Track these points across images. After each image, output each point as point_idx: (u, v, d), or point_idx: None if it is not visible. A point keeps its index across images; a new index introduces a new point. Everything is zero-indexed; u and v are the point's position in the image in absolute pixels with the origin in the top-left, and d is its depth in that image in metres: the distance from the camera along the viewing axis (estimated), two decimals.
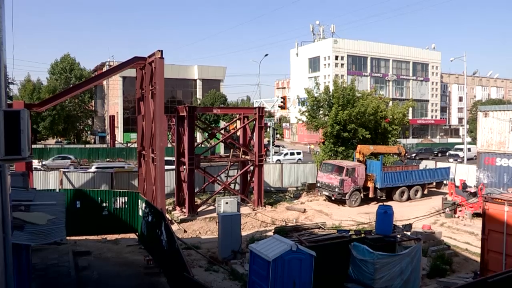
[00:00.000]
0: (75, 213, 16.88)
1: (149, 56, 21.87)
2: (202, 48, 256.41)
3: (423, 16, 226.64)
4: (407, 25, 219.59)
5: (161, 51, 20.64)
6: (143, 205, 16.85)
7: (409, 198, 29.58)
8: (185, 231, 21.59)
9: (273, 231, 20.11)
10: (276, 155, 50.45)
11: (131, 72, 28.51)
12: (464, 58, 49.37)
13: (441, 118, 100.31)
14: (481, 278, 9.64)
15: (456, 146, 60.80)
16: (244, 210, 24.28)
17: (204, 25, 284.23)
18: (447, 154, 57.98)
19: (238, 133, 29.64)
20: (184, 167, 24.80)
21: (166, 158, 22.24)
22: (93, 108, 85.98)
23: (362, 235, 14.01)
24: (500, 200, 12.14)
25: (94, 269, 14.18)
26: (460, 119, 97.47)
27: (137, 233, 17.97)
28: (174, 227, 21.40)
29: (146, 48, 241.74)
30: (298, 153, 51.90)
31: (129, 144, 61.55)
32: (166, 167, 22.44)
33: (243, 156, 26.98)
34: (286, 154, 51.44)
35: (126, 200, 17.87)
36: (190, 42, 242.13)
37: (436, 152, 62.93)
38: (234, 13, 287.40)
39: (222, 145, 49.62)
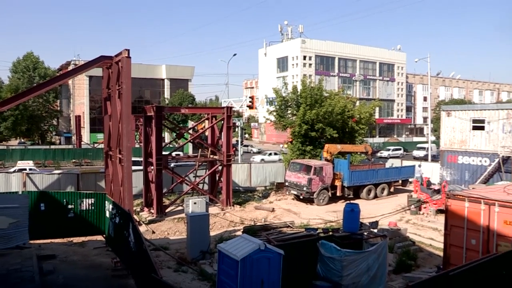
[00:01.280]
0: (39, 216, 16.48)
1: (116, 55, 21.58)
2: (170, 48, 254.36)
3: (389, 18, 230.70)
4: (373, 26, 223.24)
5: (128, 50, 20.40)
6: (110, 206, 16.63)
7: (376, 196, 30.10)
8: (153, 232, 21.40)
9: (241, 230, 20.13)
10: (261, 154, 54.21)
11: (97, 72, 28.01)
12: (428, 59, 50.60)
13: (406, 117, 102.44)
14: (443, 271, 9.93)
15: (419, 145, 62.21)
16: (213, 210, 24.24)
17: (172, 24, 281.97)
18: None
19: (207, 133, 29.56)
20: (152, 167, 24.58)
21: (133, 159, 22.00)
22: (58, 108, 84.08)
23: (330, 233, 14.16)
24: (461, 197, 12.50)
25: (60, 273, 13.88)
26: (425, 119, 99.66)
27: (104, 235, 17.72)
28: (142, 228, 21.18)
29: (113, 47, 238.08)
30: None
31: (95, 145, 60.50)
32: (134, 167, 22.20)
33: (211, 156, 26.93)
34: (270, 154, 54.63)
35: (92, 202, 17.57)
36: (157, 41, 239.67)
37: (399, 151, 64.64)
38: (201, 12, 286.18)
39: (190, 145, 49.39)
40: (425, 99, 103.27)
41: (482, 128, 29.54)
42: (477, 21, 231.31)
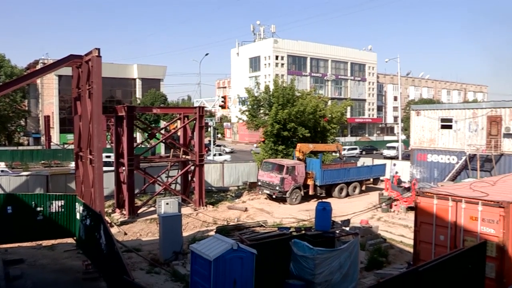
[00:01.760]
0: (6, 219, 16.07)
1: (86, 55, 21.25)
2: (142, 47, 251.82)
3: (360, 18, 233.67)
4: (345, 26, 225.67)
5: (99, 49, 20.12)
6: (81, 208, 16.37)
7: (348, 195, 30.44)
8: (125, 234, 21.17)
9: (214, 230, 20.10)
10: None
11: (67, 71, 27.55)
12: (398, 60, 51.46)
13: (377, 116, 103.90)
14: (413, 267, 10.13)
15: (389, 145, 63.19)
16: (186, 210, 24.12)
17: (143, 23, 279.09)
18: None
19: (179, 133, 29.39)
20: (124, 168, 24.31)
21: (104, 159, 21.72)
22: (26, 108, 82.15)
23: (302, 231, 14.28)
24: (430, 194, 12.74)
25: (28, 277, 13.56)
26: (395, 118, 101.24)
27: (75, 238, 17.42)
28: (114, 229, 20.93)
29: (83, 46, 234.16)
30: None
31: (65, 146, 59.42)
32: (105, 168, 21.91)
33: (183, 156, 26.79)
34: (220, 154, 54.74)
35: (62, 204, 17.24)
36: (129, 40, 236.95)
37: (361, 151, 65.57)
38: (173, 11, 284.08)
39: (162, 145, 48.98)
40: (395, 98, 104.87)
41: (450, 127, 30.23)
42: (444, 23, 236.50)
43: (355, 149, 65.03)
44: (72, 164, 32.71)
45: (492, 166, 27.13)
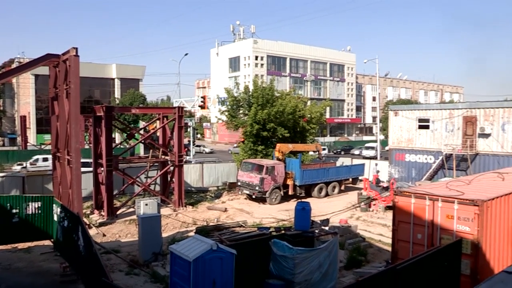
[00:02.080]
0: None
1: (63, 54, 20.97)
2: (121, 47, 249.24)
3: (339, 19, 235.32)
4: (324, 27, 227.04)
5: (76, 49, 19.86)
6: (59, 209, 16.16)
7: (327, 194, 30.63)
8: (104, 235, 20.94)
9: (194, 231, 20.03)
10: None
11: (44, 70, 27.11)
12: (376, 61, 52.03)
13: (356, 117, 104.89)
14: (391, 265, 10.26)
15: (367, 145, 63.84)
16: (165, 211, 23.99)
17: (122, 23, 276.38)
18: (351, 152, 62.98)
19: (158, 133, 29.21)
20: (102, 169, 24.06)
21: (82, 160, 21.47)
22: (1, 108, 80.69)
23: (282, 231, 14.35)
24: (407, 193, 12.89)
25: (3, 281, 13.29)
26: (374, 118, 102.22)
27: (52, 240, 17.18)
28: (93, 231, 20.70)
29: (60, 45, 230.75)
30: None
31: (42, 146, 58.49)
32: (83, 169, 21.66)
33: (162, 157, 26.64)
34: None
35: (39, 205, 16.97)
36: (107, 40, 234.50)
37: (339, 150, 66.19)
38: (152, 11, 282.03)
39: (142, 145, 48.66)
40: (374, 99, 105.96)
41: (427, 127, 30.68)
42: (421, 25, 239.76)
43: (324, 149, 64.58)
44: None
45: (468, 165, 27.64)
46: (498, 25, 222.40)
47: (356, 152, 61.50)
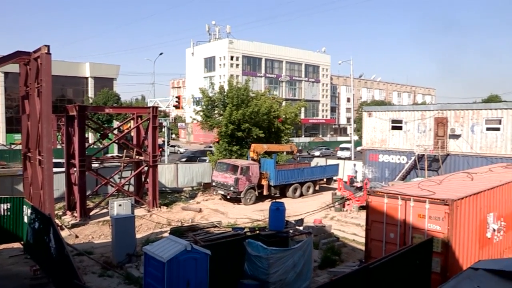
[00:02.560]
0: None
1: (35, 51, 20.53)
2: (94, 46, 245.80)
3: (314, 20, 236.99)
4: (299, 28, 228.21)
5: (48, 46, 19.48)
6: (29, 211, 15.81)
7: (301, 195, 30.79)
8: (76, 237, 20.62)
9: (168, 232, 19.92)
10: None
11: (14, 68, 26.53)
12: (350, 62, 52.64)
13: (331, 117, 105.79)
14: (364, 265, 10.39)
15: (342, 145, 64.38)
16: (139, 212, 23.79)
17: (96, 21, 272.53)
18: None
19: (132, 133, 28.94)
20: (75, 169, 23.70)
21: (54, 160, 21.08)
22: None
23: (257, 232, 14.38)
24: (380, 193, 13.07)
25: None
26: (348, 119, 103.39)
27: (22, 242, 16.80)
28: (65, 232, 20.37)
29: (32, 44, 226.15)
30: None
31: (13, 146, 57.21)
32: (55, 169, 21.27)
33: (137, 157, 26.40)
34: None
35: (8, 207, 16.57)
36: (80, 38, 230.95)
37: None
38: (127, 10, 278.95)
39: (115, 146, 48.08)
40: (348, 100, 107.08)
41: (400, 128, 31.15)
42: (395, 27, 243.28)
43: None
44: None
45: (439, 165, 28.18)
46: (467, 29, 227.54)
47: (317, 153, 61.22)
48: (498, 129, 26.25)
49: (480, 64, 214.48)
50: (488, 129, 26.70)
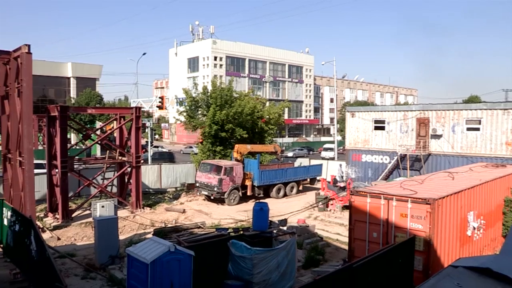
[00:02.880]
0: None
1: (15, 51, 20.22)
2: (76, 45, 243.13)
3: (298, 21, 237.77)
4: (283, 29, 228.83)
5: (29, 46, 19.20)
6: (9, 213, 15.59)
7: (285, 195, 30.86)
8: (58, 239, 20.38)
9: (152, 233, 19.82)
10: None
11: None
12: (334, 63, 52.92)
13: (314, 118, 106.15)
14: (348, 264, 10.46)
15: (326, 146, 64.67)
16: (122, 213, 23.62)
17: (78, 21, 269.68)
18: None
19: (115, 134, 28.71)
20: (57, 170, 23.43)
21: (36, 162, 20.81)
22: None
23: (240, 232, 14.38)
24: (363, 193, 13.20)
25: None
26: (332, 119, 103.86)
27: (1, 245, 16.54)
28: (46, 235, 20.12)
29: (12, 43, 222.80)
30: None
31: None
32: (36, 171, 21.01)
33: (119, 158, 26.20)
34: None
35: None
36: (63, 38, 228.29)
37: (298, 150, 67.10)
38: (110, 10, 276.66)
39: (98, 146, 47.63)
40: (331, 100, 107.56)
41: (382, 128, 31.38)
42: (377, 27, 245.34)
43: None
44: None
45: (421, 165, 28.46)
46: (448, 30, 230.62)
47: (290, 154, 60.95)
48: (478, 129, 26.63)
49: (461, 65, 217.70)
50: (468, 129, 27.07)
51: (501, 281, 2.55)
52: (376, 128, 31.73)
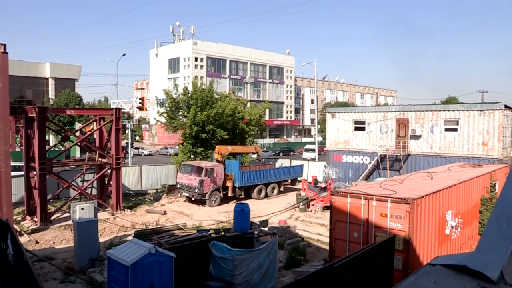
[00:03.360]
0: None
1: None
2: (55, 45, 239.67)
3: (278, 22, 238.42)
4: (264, 30, 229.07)
5: (4, 45, 18.88)
6: None
7: (266, 196, 30.93)
8: (37, 242, 20.09)
9: (132, 235, 19.66)
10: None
11: None
12: (314, 64, 53.17)
13: (295, 119, 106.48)
14: (328, 264, 10.53)
15: (307, 147, 64.90)
16: (102, 215, 23.39)
17: (57, 20, 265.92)
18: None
19: (95, 135, 28.43)
20: (35, 172, 23.08)
21: (13, 164, 20.49)
22: None
23: (222, 233, 14.37)
24: (344, 193, 13.29)
25: None
26: (312, 120, 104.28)
27: None
28: (24, 238, 19.84)
29: None
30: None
31: None
32: (14, 173, 20.68)
33: (99, 159, 25.94)
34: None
35: None
36: (40, 37, 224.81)
37: (278, 152, 67.11)
38: (89, 10, 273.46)
39: (78, 148, 47.09)
40: (312, 101, 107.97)
41: (363, 129, 31.64)
42: (357, 30, 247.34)
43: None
44: None
45: (401, 165, 28.78)
46: (427, 32, 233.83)
47: (253, 155, 60.63)
48: (455, 129, 27.05)
49: (440, 66, 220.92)
50: (446, 129, 27.47)
51: (477, 278, 2.61)
52: (357, 129, 31.97)
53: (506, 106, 26.21)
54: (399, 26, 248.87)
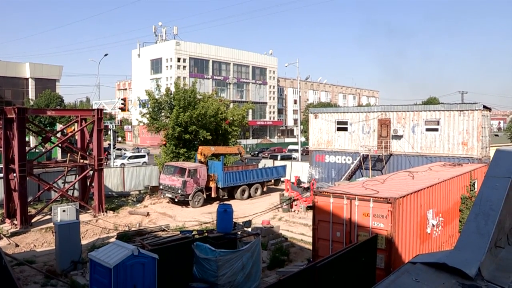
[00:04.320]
0: None
1: None
2: (35, 45, 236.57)
3: (262, 23, 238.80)
4: (246, 30, 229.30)
5: None
6: None
7: (250, 196, 30.95)
8: (17, 245, 19.79)
9: (115, 237, 19.51)
10: (120, 158, 49.49)
11: None
12: (297, 64, 53.47)
13: (278, 119, 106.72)
14: (311, 264, 10.58)
15: (290, 147, 65.19)
16: (84, 217, 23.15)
17: (38, 19, 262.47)
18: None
19: (76, 137, 28.13)
20: (15, 174, 22.74)
21: None
22: None
23: (205, 234, 14.35)
24: (326, 193, 13.38)
25: None
26: (295, 120, 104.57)
27: None
28: (3, 242, 19.54)
29: None
30: (143, 156, 51.86)
31: None
32: None
33: (81, 161, 25.68)
34: (130, 157, 51.10)
35: None
36: (20, 37, 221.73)
37: (257, 152, 67.32)
38: (69, 10, 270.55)
39: (59, 149, 46.55)
40: (295, 102, 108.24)
41: (345, 129, 31.87)
42: (340, 31, 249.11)
43: (144, 156, 53.29)
44: None
45: (383, 165, 29.07)
46: (408, 34, 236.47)
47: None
48: (436, 129, 27.41)
49: (420, 68, 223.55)
50: (427, 129, 27.83)
51: (455, 275, 2.68)
52: (339, 129, 32.19)
53: (484, 107, 26.68)
54: (381, 28, 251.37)
